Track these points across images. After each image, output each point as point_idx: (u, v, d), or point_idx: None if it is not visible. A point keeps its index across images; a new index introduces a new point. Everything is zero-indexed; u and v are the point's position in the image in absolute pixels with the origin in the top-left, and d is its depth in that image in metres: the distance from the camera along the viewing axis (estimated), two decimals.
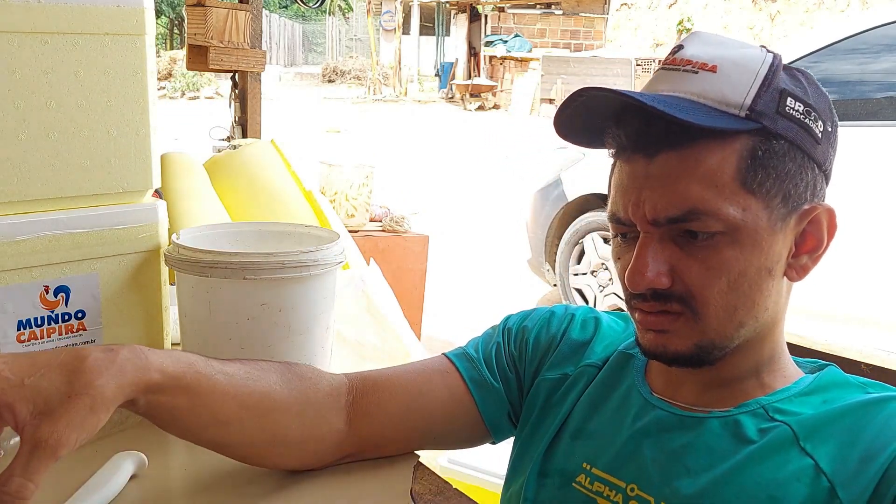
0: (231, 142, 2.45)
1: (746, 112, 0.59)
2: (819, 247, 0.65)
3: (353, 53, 23.87)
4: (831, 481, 0.58)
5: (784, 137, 0.60)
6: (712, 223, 0.59)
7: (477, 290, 4.51)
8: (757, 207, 0.60)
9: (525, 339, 0.82)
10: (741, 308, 0.62)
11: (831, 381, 0.66)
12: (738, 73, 0.60)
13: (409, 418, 0.77)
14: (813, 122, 0.62)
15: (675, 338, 0.63)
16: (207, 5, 2.28)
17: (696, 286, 0.61)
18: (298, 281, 0.84)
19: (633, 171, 0.63)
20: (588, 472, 0.69)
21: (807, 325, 2.90)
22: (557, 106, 0.66)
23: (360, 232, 2.80)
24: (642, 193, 0.62)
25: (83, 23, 0.82)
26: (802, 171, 0.62)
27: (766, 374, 0.67)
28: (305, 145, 8.44)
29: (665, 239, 0.62)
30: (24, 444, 0.51)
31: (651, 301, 0.63)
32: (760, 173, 0.60)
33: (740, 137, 0.60)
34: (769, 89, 0.60)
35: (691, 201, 0.59)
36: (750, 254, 0.61)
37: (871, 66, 2.90)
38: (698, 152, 0.60)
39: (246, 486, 0.73)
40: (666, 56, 0.65)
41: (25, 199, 0.82)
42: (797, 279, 0.65)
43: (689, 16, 9.04)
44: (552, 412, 0.76)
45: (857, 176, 2.82)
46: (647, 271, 0.61)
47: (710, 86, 0.60)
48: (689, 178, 0.60)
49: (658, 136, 0.60)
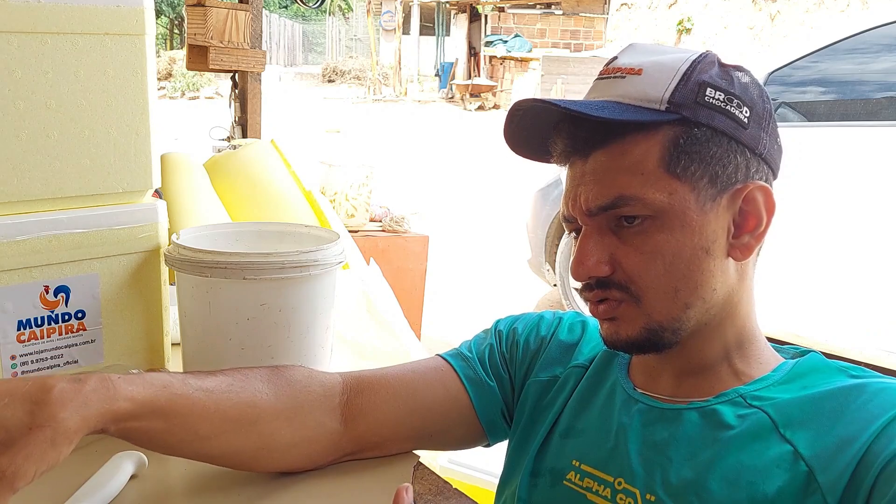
0: (231, 142, 2.45)
1: (666, 105, 0.63)
2: (759, 224, 0.67)
3: (353, 53, 23.86)
4: (810, 466, 0.59)
5: (705, 125, 0.64)
6: (640, 208, 0.64)
7: (477, 290, 4.51)
8: (683, 190, 0.64)
9: (515, 341, 0.83)
10: (683, 289, 0.65)
11: (811, 366, 0.67)
12: (659, 72, 0.65)
13: (405, 416, 0.77)
14: (736, 109, 0.65)
15: (623, 324, 0.67)
16: (207, 5, 2.28)
17: (634, 272, 0.65)
18: (298, 281, 0.84)
19: (572, 173, 0.68)
20: (577, 468, 0.71)
21: (807, 324, 2.91)
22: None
23: (360, 232, 2.80)
24: (579, 189, 0.67)
25: (83, 23, 0.82)
26: (729, 154, 0.65)
27: (739, 361, 0.68)
28: (305, 145, 8.44)
29: (603, 230, 0.66)
30: None
31: (595, 289, 0.67)
32: (684, 159, 0.63)
33: (662, 128, 0.64)
34: (688, 83, 0.64)
35: (618, 189, 0.64)
36: (681, 235, 0.64)
37: (871, 65, 2.90)
38: (624, 146, 0.64)
39: (246, 486, 0.73)
40: (603, 67, 0.70)
41: (25, 199, 0.82)
42: (742, 258, 0.67)
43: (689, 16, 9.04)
44: (543, 413, 0.78)
45: (857, 176, 2.82)
46: (587, 261, 0.66)
47: (633, 87, 0.65)
48: (617, 170, 0.64)
49: (587, 137, 0.66)
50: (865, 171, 2.80)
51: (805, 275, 2.91)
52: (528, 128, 0.70)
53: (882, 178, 2.75)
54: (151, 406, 0.62)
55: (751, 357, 0.69)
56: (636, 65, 0.65)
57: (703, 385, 0.68)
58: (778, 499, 0.58)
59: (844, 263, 2.83)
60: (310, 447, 0.73)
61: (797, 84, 3.07)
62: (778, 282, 2.94)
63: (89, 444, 0.78)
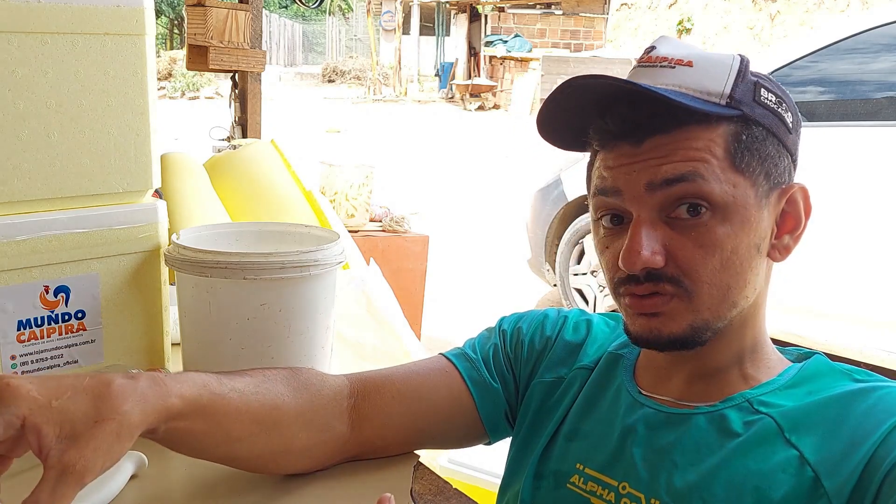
0: (231, 142, 2.45)
1: (727, 100, 0.62)
2: (798, 226, 0.67)
3: (353, 53, 23.86)
4: (816, 471, 0.58)
5: (762, 124, 0.63)
6: (708, 191, 0.61)
7: (477, 290, 4.51)
8: (745, 185, 0.63)
9: (520, 340, 0.82)
10: (734, 287, 0.63)
11: (816, 370, 0.66)
12: (713, 66, 0.63)
13: (410, 420, 0.77)
14: (785, 112, 0.65)
15: (668, 320, 0.64)
16: (207, 5, 2.28)
17: (690, 265, 0.62)
18: (298, 281, 0.84)
19: (619, 154, 0.64)
20: (581, 472, 0.70)
21: (807, 324, 2.91)
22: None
23: (360, 232, 2.80)
24: (634, 166, 0.63)
25: (83, 23, 0.82)
26: (779, 156, 0.65)
27: (749, 365, 0.68)
28: (305, 145, 8.44)
29: (656, 220, 0.63)
30: (49, 468, 0.50)
31: (645, 283, 0.63)
32: (746, 155, 0.62)
33: (723, 123, 0.62)
34: (745, 80, 0.63)
35: (691, 165, 0.61)
36: (741, 230, 0.62)
37: (871, 65, 2.90)
38: (685, 134, 0.62)
39: (246, 486, 0.73)
40: (640, 56, 0.67)
41: (25, 199, 0.82)
42: (780, 259, 0.67)
43: (689, 16, 9.04)
44: (548, 415, 0.77)
45: (857, 176, 2.82)
46: (642, 250, 0.62)
47: (689, 78, 0.62)
48: (686, 149, 0.61)
49: (645, 122, 0.62)
50: (865, 171, 2.80)
51: (805, 275, 2.91)
52: (567, 111, 0.66)
53: (882, 178, 2.75)
54: (196, 405, 0.62)
55: (760, 362, 0.68)
56: (683, 56, 0.63)
57: (711, 389, 0.67)
58: None
59: (845, 263, 2.83)
60: (321, 450, 0.74)
61: (797, 84, 3.07)
62: (778, 282, 2.94)
63: None
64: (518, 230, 4.36)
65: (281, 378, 0.72)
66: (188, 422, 0.61)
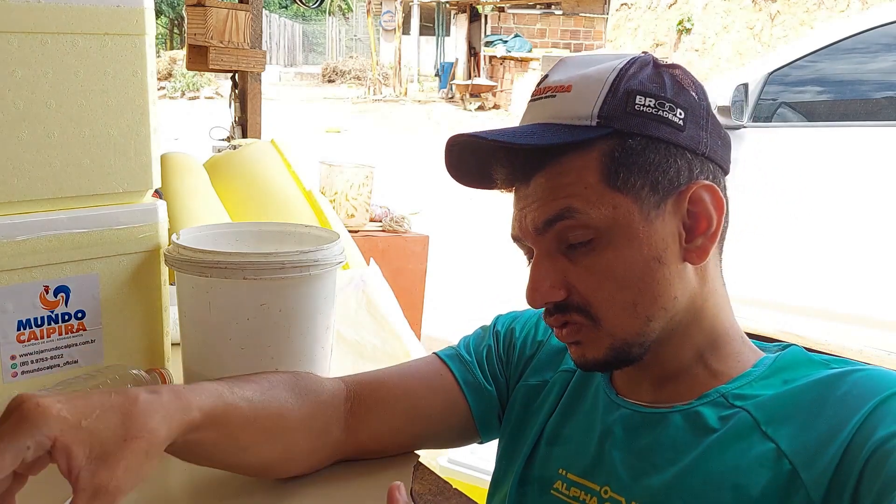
0: (231, 142, 2.45)
1: (597, 120, 0.62)
2: (710, 225, 0.65)
3: (353, 53, 23.85)
4: (793, 463, 0.58)
5: (638, 134, 0.62)
6: (585, 222, 0.62)
7: (477, 290, 4.50)
8: (626, 203, 0.62)
9: (512, 343, 0.83)
10: (641, 303, 0.63)
11: (792, 360, 0.65)
12: (587, 87, 0.63)
13: (405, 424, 0.78)
14: (669, 112, 0.63)
15: (587, 348, 0.66)
16: (207, 5, 2.28)
17: (589, 293, 0.64)
18: (298, 281, 0.84)
19: (517, 197, 0.68)
20: (564, 478, 0.70)
21: (807, 324, 2.91)
22: None
23: (360, 232, 2.80)
24: (524, 211, 0.66)
25: (83, 23, 0.82)
26: (669, 159, 0.63)
27: (715, 361, 0.67)
28: (305, 145, 8.44)
29: (553, 254, 0.65)
30: (81, 490, 0.50)
31: (555, 314, 0.66)
32: (622, 171, 0.62)
33: (596, 144, 0.63)
34: (617, 94, 0.63)
35: (562, 202, 0.63)
36: (629, 249, 0.63)
37: (871, 65, 2.90)
38: (562, 167, 0.63)
39: (245, 487, 0.73)
40: (534, 87, 0.69)
41: (25, 199, 0.82)
42: (699, 261, 0.65)
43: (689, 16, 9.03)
44: (531, 419, 0.77)
45: (856, 176, 2.82)
46: (540, 286, 0.65)
47: (563, 105, 0.64)
48: (559, 187, 0.63)
49: (524, 163, 0.65)
50: (865, 171, 2.80)
51: (805, 274, 2.91)
52: (468, 160, 0.70)
53: (882, 178, 2.75)
54: (212, 416, 0.62)
55: (727, 356, 0.67)
56: (565, 81, 0.65)
57: (682, 389, 0.67)
58: (762, 499, 0.58)
59: (844, 263, 2.83)
60: (318, 455, 0.74)
61: (797, 84, 3.07)
62: (778, 281, 2.94)
63: None
64: None
65: (284, 384, 0.72)
66: (203, 433, 0.62)
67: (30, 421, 0.49)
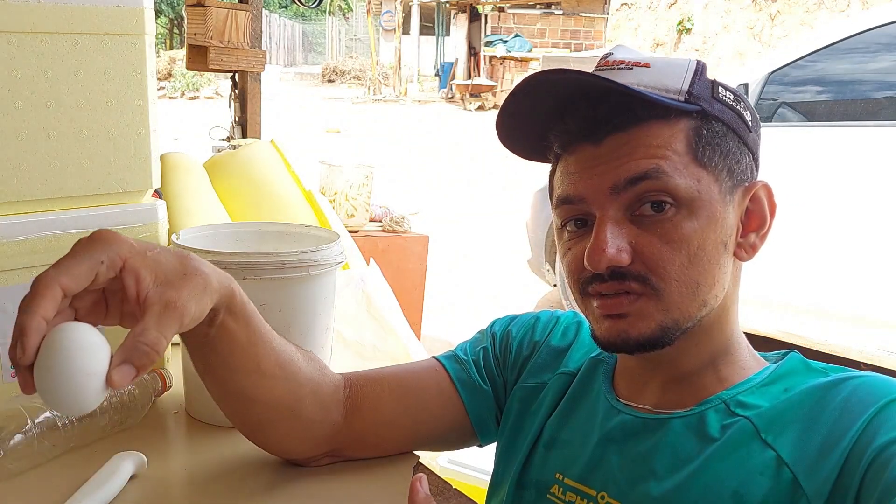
0: (231, 142, 2.45)
1: (685, 96, 0.62)
2: (763, 224, 0.66)
3: (353, 53, 23.84)
4: (794, 472, 0.57)
5: (721, 120, 0.63)
6: (671, 187, 0.60)
7: (477, 290, 4.51)
8: (709, 180, 0.62)
9: (509, 344, 0.82)
10: (703, 284, 0.62)
11: (791, 368, 0.65)
12: (669, 67, 0.63)
13: (401, 416, 0.78)
14: (744, 110, 0.65)
15: (636, 321, 0.62)
16: (207, 5, 2.28)
17: (656, 262, 0.61)
18: (298, 281, 0.84)
19: (580, 157, 0.64)
20: (561, 482, 0.69)
21: (807, 324, 2.91)
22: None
23: (360, 232, 2.80)
24: (595, 168, 0.62)
25: (83, 23, 0.82)
26: (740, 153, 0.64)
27: (724, 367, 0.66)
28: (305, 145, 8.44)
29: (621, 220, 0.62)
30: (151, 305, 0.53)
31: (611, 281, 0.62)
32: (708, 150, 0.62)
33: (682, 119, 0.62)
34: (702, 78, 0.63)
35: (652, 161, 0.60)
36: (707, 226, 0.61)
37: (871, 65, 2.90)
38: (645, 131, 0.61)
39: (245, 486, 0.73)
40: (598, 62, 0.67)
41: (25, 199, 0.82)
42: (747, 258, 0.66)
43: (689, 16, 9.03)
44: (528, 421, 0.77)
45: (856, 176, 2.82)
46: (607, 247, 0.60)
47: (647, 77, 0.62)
48: (647, 147, 0.61)
49: (606, 119, 0.62)
50: (865, 171, 2.80)
51: (805, 275, 2.91)
52: (526, 113, 0.66)
53: (882, 177, 2.75)
54: (246, 311, 0.64)
55: (734, 363, 0.67)
56: (640, 59, 0.63)
57: (686, 394, 0.66)
58: None
59: (844, 263, 2.83)
60: (317, 430, 0.74)
61: (797, 84, 3.07)
62: (778, 282, 2.94)
63: (89, 444, 0.78)
64: (518, 230, 4.36)
65: (294, 346, 0.74)
66: (238, 324, 0.64)
67: (103, 240, 0.53)
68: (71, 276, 0.51)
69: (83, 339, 0.50)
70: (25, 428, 0.70)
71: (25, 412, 0.71)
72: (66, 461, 0.74)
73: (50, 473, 0.72)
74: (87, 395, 0.49)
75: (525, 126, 0.68)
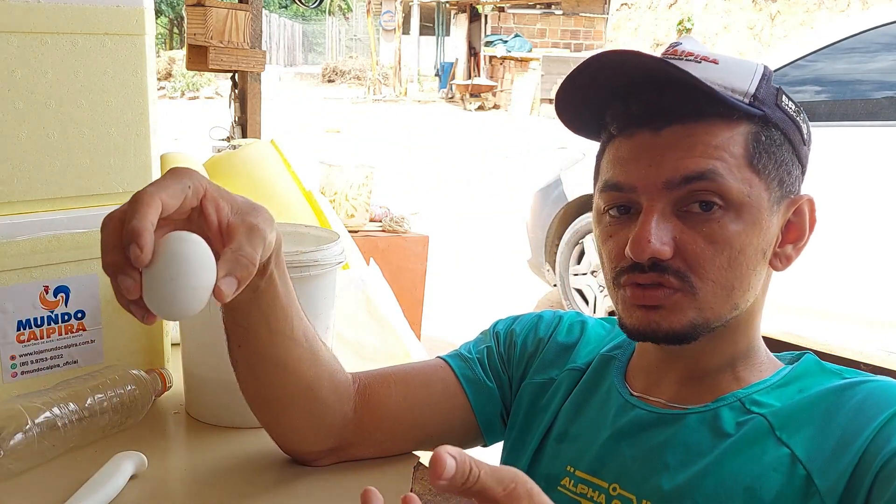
0: (231, 142, 2.45)
1: (750, 99, 0.62)
2: (802, 237, 0.67)
3: (353, 53, 23.84)
4: (807, 469, 0.58)
5: (780, 129, 0.63)
6: (724, 189, 0.60)
7: (477, 290, 4.51)
8: (760, 187, 0.62)
9: (513, 342, 0.83)
10: (738, 288, 0.63)
11: (806, 369, 0.66)
12: (738, 67, 0.63)
13: (407, 413, 0.78)
14: (802, 123, 0.65)
15: (669, 314, 0.62)
16: (207, 5, 2.28)
17: (697, 260, 0.61)
18: (298, 281, 0.84)
19: (637, 144, 0.63)
20: (572, 474, 0.70)
21: (807, 324, 2.91)
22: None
23: (360, 232, 2.80)
24: (652, 159, 0.62)
25: (83, 23, 0.82)
26: (792, 164, 0.65)
27: (742, 368, 0.67)
28: (305, 145, 8.44)
29: (668, 213, 0.62)
30: (235, 228, 0.55)
31: (650, 272, 0.62)
32: (764, 157, 0.62)
33: (743, 122, 0.62)
34: (768, 83, 0.63)
35: (711, 162, 0.60)
36: (751, 232, 0.62)
37: (871, 65, 2.90)
38: (706, 128, 0.61)
39: (245, 486, 0.73)
40: (665, 49, 0.66)
41: (25, 199, 0.82)
42: (781, 269, 0.67)
43: (689, 16, 9.04)
44: (538, 417, 0.77)
45: (856, 176, 2.82)
46: (651, 238, 0.60)
47: (714, 73, 0.62)
48: (706, 145, 0.61)
49: (669, 108, 0.62)
50: (865, 171, 2.80)
51: (805, 275, 2.91)
52: (591, 86, 0.66)
53: (882, 177, 2.75)
54: (284, 265, 0.65)
55: (753, 365, 0.68)
56: (708, 54, 0.63)
57: (702, 391, 0.67)
58: (776, 503, 0.58)
59: (845, 263, 2.83)
60: (329, 419, 0.74)
61: (797, 84, 3.07)
62: (778, 282, 2.94)
63: (89, 444, 0.78)
64: (518, 230, 4.36)
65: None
66: (281, 279, 0.65)
67: (185, 171, 0.55)
68: (168, 193, 0.52)
69: (197, 249, 0.53)
70: (25, 428, 0.70)
71: (25, 412, 0.71)
72: (66, 461, 0.74)
73: (50, 473, 0.72)
74: (196, 303, 0.52)
75: (586, 100, 0.67)
